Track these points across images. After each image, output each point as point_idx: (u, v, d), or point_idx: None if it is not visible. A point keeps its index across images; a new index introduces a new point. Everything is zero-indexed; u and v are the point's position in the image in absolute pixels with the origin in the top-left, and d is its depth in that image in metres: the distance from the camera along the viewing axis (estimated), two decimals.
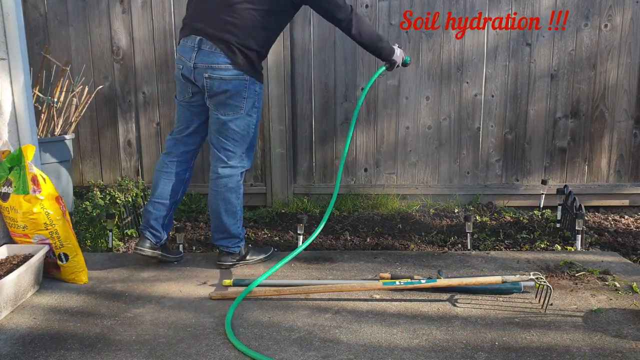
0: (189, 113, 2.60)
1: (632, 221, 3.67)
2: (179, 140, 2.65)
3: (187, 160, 2.67)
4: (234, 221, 2.62)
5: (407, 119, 3.90)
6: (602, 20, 3.68)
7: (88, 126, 4.06)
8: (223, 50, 2.37)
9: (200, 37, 2.40)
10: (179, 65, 2.50)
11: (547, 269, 2.59)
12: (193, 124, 2.61)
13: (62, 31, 3.94)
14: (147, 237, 2.62)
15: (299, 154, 4.00)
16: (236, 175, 2.57)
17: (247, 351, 1.83)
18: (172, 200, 2.65)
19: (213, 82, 2.41)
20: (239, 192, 2.61)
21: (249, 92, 2.46)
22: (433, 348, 1.86)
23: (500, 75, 3.80)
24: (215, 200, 2.58)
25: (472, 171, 3.93)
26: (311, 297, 2.29)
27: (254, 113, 2.53)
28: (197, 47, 2.40)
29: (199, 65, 2.41)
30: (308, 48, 3.84)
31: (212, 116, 2.52)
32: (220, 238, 2.65)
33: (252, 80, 2.46)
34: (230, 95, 2.43)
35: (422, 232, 3.38)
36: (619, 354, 1.80)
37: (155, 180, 2.67)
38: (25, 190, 2.37)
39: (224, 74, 2.39)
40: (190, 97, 2.55)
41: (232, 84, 2.41)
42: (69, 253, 2.43)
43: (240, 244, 2.68)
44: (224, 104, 2.45)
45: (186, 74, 2.47)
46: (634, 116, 3.78)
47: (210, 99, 2.46)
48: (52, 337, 1.97)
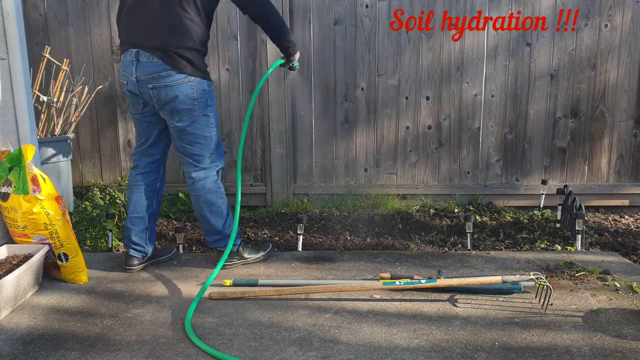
0: (145, 124, 2.58)
1: (632, 221, 3.67)
2: (142, 152, 2.64)
3: (154, 171, 2.65)
4: (222, 221, 2.61)
5: (407, 119, 3.90)
6: (602, 20, 3.68)
7: (88, 126, 4.05)
8: (161, 58, 2.34)
9: (137, 50, 2.37)
10: (124, 81, 2.49)
11: (547, 269, 2.59)
12: (152, 134, 2.60)
13: (62, 31, 3.94)
14: (133, 255, 2.64)
15: (299, 154, 4.00)
16: (211, 176, 2.56)
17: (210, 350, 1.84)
18: (148, 213, 2.64)
19: (159, 92, 2.38)
20: (220, 192, 2.59)
21: (198, 93, 2.43)
22: (433, 348, 1.86)
23: (500, 75, 3.80)
24: (198, 204, 2.58)
25: (472, 171, 3.93)
26: (311, 297, 2.29)
27: (210, 112, 2.50)
28: (136, 59, 2.38)
29: (141, 78, 2.38)
30: (308, 48, 3.84)
31: (170, 126, 2.49)
32: (214, 240, 2.65)
33: (198, 81, 2.42)
34: (180, 101, 2.40)
35: (422, 232, 3.38)
36: (619, 354, 1.80)
37: (128, 196, 2.67)
38: (25, 190, 2.37)
39: (167, 80, 2.36)
40: (143, 109, 2.53)
41: (178, 89, 2.38)
42: (69, 253, 2.43)
43: (236, 242, 2.68)
44: (176, 111, 2.42)
45: (131, 88, 2.45)
46: (634, 116, 3.78)
47: (162, 109, 2.44)
48: (52, 337, 1.97)
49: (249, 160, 3.99)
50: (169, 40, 2.34)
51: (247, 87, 3.90)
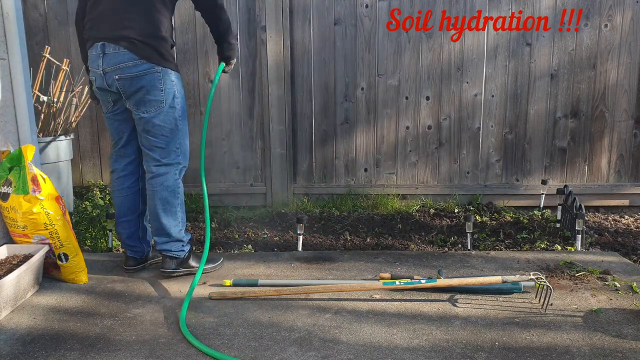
0: (116, 123, 2.53)
1: (632, 221, 3.67)
2: (118, 154, 2.59)
3: (133, 172, 2.59)
4: (175, 222, 2.50)
5: (407, 119, 3.90)
6: (602, 20, 3.68)
7: (88, 126, 4.06)
8: (127, 47, 2.30)
9: (102, 42, 2.33)
10: (92, 77, 2.43)
11: (547, 269, 2.59)
12: (125, 133, 2.54)
13: (62, 31, 3.94)
14: (130, 256, 2.62)
15: (299, 154, 4.00)
16: (172, 173, 2.47)
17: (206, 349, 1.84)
18: (135, 215, 2.60)
19: (125, 82, 2.34)
20: (177, 192, 2.50)
21: (165, 84, 2.37)
22: (433, 348, 1.86)
23: (500, 75, 3.80)
24: (153, 200, 2.47)
25: (472, 171, 3.93)
26: (311, 297, 2.29)
27: (177, 104, 2.43)
28: (102, 52, 2.33)
29: (108, 70, 2.34)
30: (308, 48, 3.84)
31: (136, 117, 2.43)
32: (162, 242, 2.51)
33: (165, 71, 2.37)
34: (147, 91, 2.35)
35: (422, 232, 3.38)
36: (619, 354, 1.80)
37: (114, 201, 2.63)
38: (25, 190, 2.36)
39: (134, 70, 2.31)
40: (113, 107, 2.48)
41: (145, 79, 2.33)
42: (68, 253, 2.43)
43: (184, 248, 2.54)
44: (143, 102, 2.37)
45: (99, 84, 2.40)
46: (634, 116, 3.78)
47: (129, 100, 2.39)
48: (52, 337, 1.97)
49: (248, 160, 3.99)
50: (135, 29, 2.30)
51: (247, 87, 3.90)
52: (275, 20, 3.74)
